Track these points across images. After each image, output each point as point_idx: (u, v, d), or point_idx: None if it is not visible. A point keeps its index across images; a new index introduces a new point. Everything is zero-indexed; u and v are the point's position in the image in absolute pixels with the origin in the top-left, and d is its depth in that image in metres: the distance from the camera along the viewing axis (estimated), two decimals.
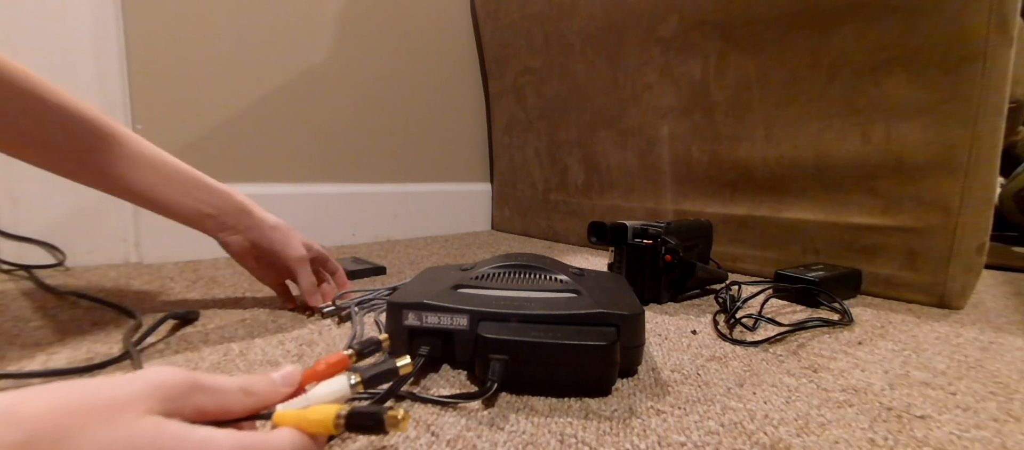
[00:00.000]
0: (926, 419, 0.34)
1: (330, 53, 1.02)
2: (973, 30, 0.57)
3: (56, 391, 0.18)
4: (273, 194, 0.94)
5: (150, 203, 0.48)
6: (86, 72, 0.74)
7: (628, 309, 0.39)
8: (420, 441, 0.30)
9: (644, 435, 0.31)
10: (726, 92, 0.82)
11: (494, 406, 0.34)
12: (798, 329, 0.52)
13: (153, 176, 0.47)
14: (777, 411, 0.35)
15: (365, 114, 1.09)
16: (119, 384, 0.20)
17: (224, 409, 0.23)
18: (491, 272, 0.47)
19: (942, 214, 0.62)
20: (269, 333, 0.48)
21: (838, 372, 0.42)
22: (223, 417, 0.23)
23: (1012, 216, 1.16)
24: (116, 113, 0.77)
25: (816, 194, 0.73)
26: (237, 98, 0.90)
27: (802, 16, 0.71)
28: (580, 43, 1.04)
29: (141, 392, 0.20)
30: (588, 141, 1.08)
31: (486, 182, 1.39)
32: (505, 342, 0.36)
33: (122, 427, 0.18)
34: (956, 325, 0.56)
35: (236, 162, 0.91)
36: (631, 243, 0.64)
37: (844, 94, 0.69)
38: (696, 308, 0.61)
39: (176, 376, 0.21)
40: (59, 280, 0.66)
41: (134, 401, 0.19)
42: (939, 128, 0.61)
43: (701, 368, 0.42)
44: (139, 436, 0.18)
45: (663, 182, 0.94)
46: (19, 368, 0.38)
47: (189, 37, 0.84)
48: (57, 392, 0.18)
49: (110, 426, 0.18)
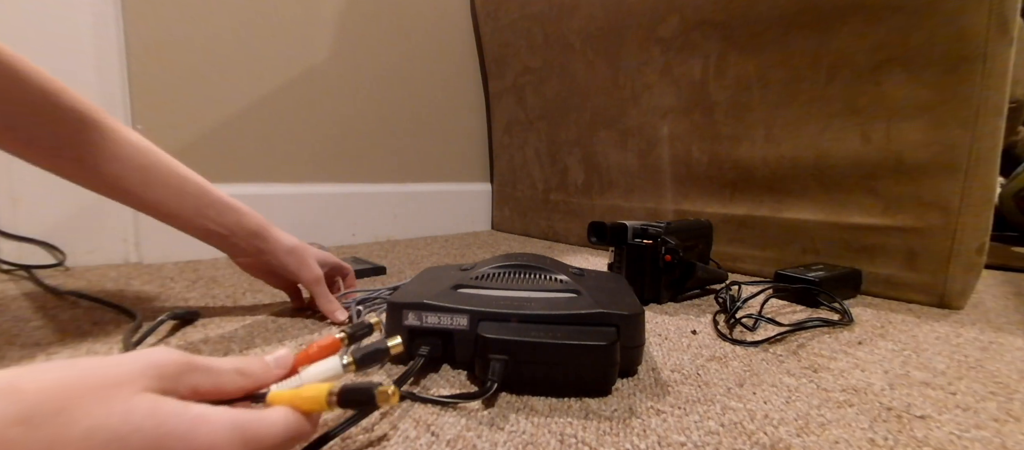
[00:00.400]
0: (926, 419, 0.34)
1: (330, 53, 1.02)
2: (973, 30, 0.57)
3: (56, 369, 0.19)
4: (273, 194, 0.94)
5: (147, 207, 0.45)
6: (86, 72, 0.74)
7: (628, 309, 0.39)
8: (420, 441, 0.30)
9: (644, 435, 0.31)
10: (726, 92, 0.82)
11: (494, 406, 0.34)
12: (798, 329, 0.52)
13: (145, 177, 0.44)
14: (777, 411, 0.35)
15: (365, 114, 1.09)
16: (117, 363, 0.20)
17: (219, 389, 0.24)
18: (491, 272, 0.47)
19: (942, 214, 0.62)
20: (269, 333, 0.48)
21: (838, 372, 0.42)
22: (218, 397, 0.23)
23: (1012, 216, 1.16)
24: (116, 113, 0.77)
25: (816, 194, 0.73)
26: (237, 98, 0.90)
27: (802, 16, 0.71)
28: (580, 43, 1.04)
29: (138, 370, 0.20)
30: (588, 141, 1.08)
31: (486, 182, 1.39)
32: (505, 342, 0.36)
33: (118, 403, 0.18)
34: (956, 325, 0.56)
35: (236, 162, 0.91)
36: (631, 243, 0.64)
37: (844, 94, 0.69)
38: (696, 308, 0.61)
39: (172, 356, 0.22)
40: (59, 280, 0.66)
41: (131, 379, 0.20)
42: (939, 128, 0.61)
43: (701, 368, 0.42)
44: (135, 412, 0.19)
45: (663, 182, 0.94)
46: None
47: (189, 37, 0.84)
48: (57, 370, 0.19)
49: (107, 403, 0.18)
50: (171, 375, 0.21)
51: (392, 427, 0.31)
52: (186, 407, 0.20)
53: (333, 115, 1.03)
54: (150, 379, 0.20)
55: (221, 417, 0.21)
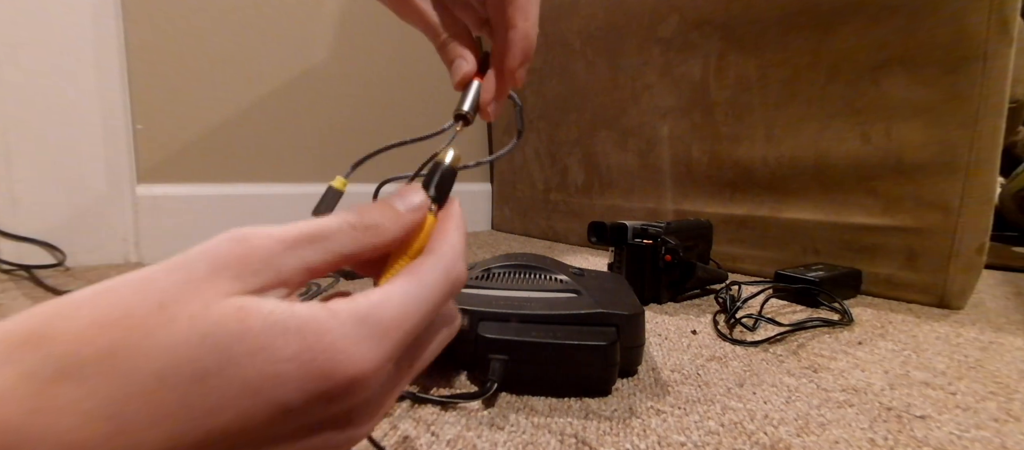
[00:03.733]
0: (926, 419, 0.34)
1: (330, 53, 1.02)
2: (973, 30, 0.57)
3: (89, 299, 0.13)
4: (273, 194, 0.94)
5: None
6: (86, 72, 0.74)
7: (628, 309, 0.39)
8: (420, 441, 0.30)
9: (644, 435, 0.31)
10: (726, 92, 0.82)
11: (494, 406, 0.34)
12: (798, 329, 0.52)
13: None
14: (777, 411, 0.35)
15: (365, 114, 1.09)
16: (169, 270, 0.14)
17: (340, 257, 0.16)
18: (491, 272, 0.47)
19: (942, 214, 0.62)
20: None
21: (838, 372, 0.42)
22: (342, 265, 0.17)
23: (1012, 216, 1.16)
24: (116, 113, 0.77)
25: (816, 194, 0.73)
26: (237, 98, 0.90)
27: (802, 16, 0.71)
28: (580, 43, 1.04)
29: (203, 273, 0.13)
30: (588, 141, 1.08)
31: (486, 182, 1.39)
32: (505, 342, 0.36)
33: (188, 326, 0.12)
34: (956, 325, 0.56)
35: (236, 162, 0.91)
36: (631, 243, 0.64)
37: (844, 94, 0.69)
38: (696, 308, 0.61)
39: (249, 239, 0.14)
40: (59, 280, 0.66)
41: (197, 288, 0.13)
42: (939, 128, 0.61)
43: (701, 368, 0.42)
44: (216, 334, 0.13)
45: (663, 182, 0.94)
46: None
47: (189, 37, 0.84)
48: (90, 299, 0.13)
49: (172, 329, 0.12)
50: (258, 265, 0.14)
51: (392, 427, 0.31)
52: (291, 311, 0.14)
53: (333, 115, 1.03)
54: (228, 280, 0.13)
55: (346, 312, 0.14)
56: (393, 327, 0.15)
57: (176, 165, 0.85)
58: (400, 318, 0.15)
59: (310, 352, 0.13)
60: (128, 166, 0.79)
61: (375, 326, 0.15)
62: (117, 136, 0.77)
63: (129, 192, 0.79)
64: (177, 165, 0.85)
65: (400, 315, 0.16)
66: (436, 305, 0.17)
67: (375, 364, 0.14)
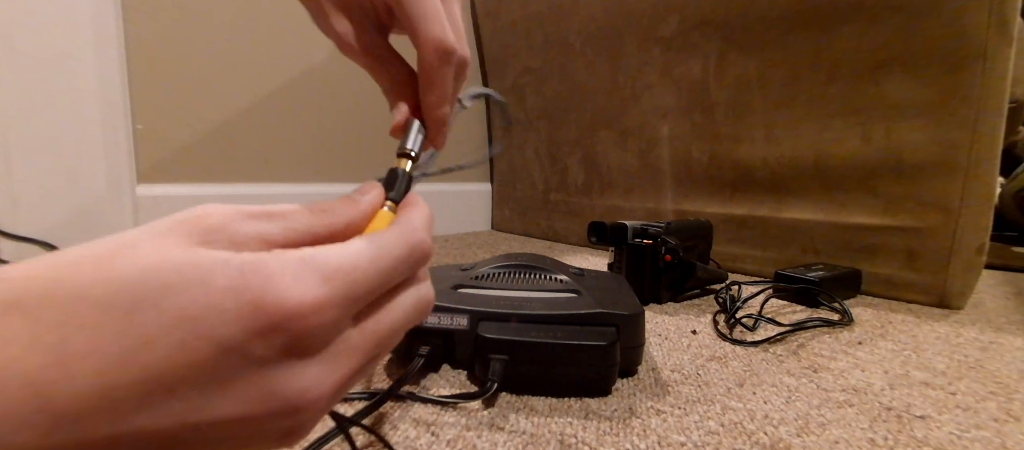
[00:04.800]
0: (926, 419, 0.34)
1: (330, 53, 1.01)
2: (973, 30, 0.57)
3: (71, 249, 0.14)
4: (273, 194, 0.94)
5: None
6: (86, 72, 0.74)
7: (628, 309, 0.39)
8: (420, 441, 0.30)
9: (644, 435, 0.31)
10: (726, 92, 0.82)
11: (494, 406, 0.34)
12: (798, 329, 0.52)
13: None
14: (777, 411, 0.35)
15: (365, 114, 1.09)
16: (141, 228, 0.15)
17: (293, 232, 0.17)
18: (491, 272, 0.47)
19: (942, 214, 0.62)
20: None
21: (838, 372, 0.42)
22: (300, 244, 0.17)
23: (1012, 216, 1.16)
24: (116, 113, 0.77)
25: (816, 194, 0.73)
26: (237, 98, 0.90)
27: (802, 16, 0.71)
28: (580, 43, 1.04)
29: (164, 228, 0.14)
30: (588, 141, 1.08)
31: (486, 182, 1.39)
32: (505, 342, 0.36)
33: (132, 260, 0.13)
34: (956, 325, 0.56)
35: (236, 162, 0.91)
36: (631, 243, 0.64)
37: (844, 94, 0.69)
38: (696, 308, 0.61)
39: (211, 207, 0.15)
40: None
41: (153, 237, 0.14)
42: (939, 128, 0.61)
43: (701, 368, 0.42)
44: (162, 267, 0.13)
45: (663, 182, 0.94)
46: None
47: (189, 37, 0.84)
48: (71, 249, 0.14)
49: (116, 263, 0.13)
50: (214, 226, 0.15)
51: (392, 427, 0.31)
52: (238, 254, 0.14)
53: (333, 115, 1.03)
54: (184, 234, 0.14)
55: (288, 257, 0.15)
56: (340, 273, 0.15)
57: (176, 165, 0.85)
58: (348, 267, 0.16)
59: (244, 281, 0.13)
60: (128, 166, 0.79)
61: (319, 267, 0.15)
62: (117, 136, 0.77)
63: (129, 192, 0.79)
64: (177, 165, 0.85)
65: (349, 263, 0.16)
66: (392, 263, 0.17)
67: (313, 300, 0.14)
